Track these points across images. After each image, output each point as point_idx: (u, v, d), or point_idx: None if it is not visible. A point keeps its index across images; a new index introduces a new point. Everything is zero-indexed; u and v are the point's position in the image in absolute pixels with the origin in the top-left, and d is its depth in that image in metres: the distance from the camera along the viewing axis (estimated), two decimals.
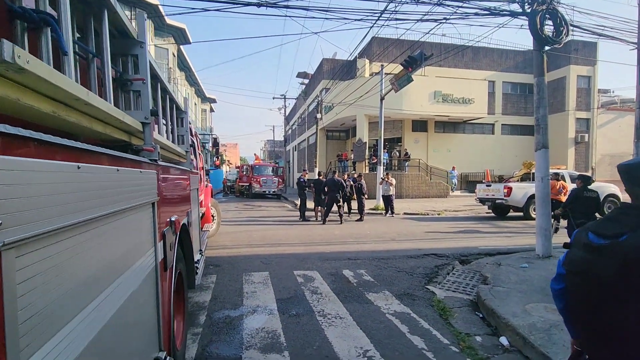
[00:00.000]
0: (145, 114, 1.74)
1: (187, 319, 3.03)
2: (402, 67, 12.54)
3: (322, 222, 10.95)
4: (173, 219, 2.26)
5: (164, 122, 2.84)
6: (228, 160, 53.93)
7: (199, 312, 3.89)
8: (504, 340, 3.44)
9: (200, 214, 6.35)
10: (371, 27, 9.18)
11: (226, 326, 3.53)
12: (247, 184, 22.98)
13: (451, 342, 3.32)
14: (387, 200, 12.83)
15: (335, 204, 10.96)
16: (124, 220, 1.34)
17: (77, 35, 1.46)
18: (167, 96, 2.81)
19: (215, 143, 8.65)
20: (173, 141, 3.17)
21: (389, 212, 12.86)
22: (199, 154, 6.67)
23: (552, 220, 6.49)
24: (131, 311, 1.43)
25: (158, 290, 1.82)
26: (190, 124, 4.79)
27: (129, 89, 1.77)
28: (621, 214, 1.20)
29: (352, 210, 12.56)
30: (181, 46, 21.23)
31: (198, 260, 3.91)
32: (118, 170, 1.23)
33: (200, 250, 4.33)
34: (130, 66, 1.80)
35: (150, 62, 2.10)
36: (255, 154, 41.18)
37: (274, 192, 21.94)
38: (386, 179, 12.78)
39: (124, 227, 1.35)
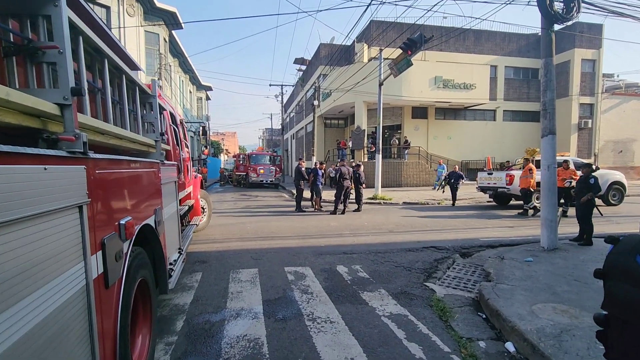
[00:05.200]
0: (64, 94, 1.35)
1: (155, 330, 2.69)
2: (401, 51, 12.00)
3: (342, 213, 10.71)
4: (123, 221, 1.90)
5: (121, 106, 2.44)
6: (226, 149, 53.31)
7: (177, 316, 3.57)
8: (510, 346, 3.12)
9: (188, 207, 5.99)
10: (368, 6, 8.63)
11: (204, 334, 3.20)
12: (244, 174, 22.58)
13: (452, 350, 3.00)
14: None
15: (342, 194, 10.76)
16: (6, 236, 0.98)
17: None
18: (124, 76, 2.41)
19: (204, 132, 8.24)
20: (136, 130, 2.78)
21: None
22: (185, 143, 6.26)
23: (560, 208, 6.30)
24: (37, 354, 1.07)
25: (92, 316, 1.46)
26: (165, 110, 4.38)
27: (40, 60, 1.37)
28: None
29: (349, 200, 12.19)
30: (174, 31, 20.47)
31: (175, 260, 3.56)
32: None
33: (180, 248, 3.97)
34: (43, 30, 1.39)
35: (84, 30, 1.69)
36: (259, 145, 40.62)
37: (271, 181, 21.57)
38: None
39: (9, 245, 0.98)
